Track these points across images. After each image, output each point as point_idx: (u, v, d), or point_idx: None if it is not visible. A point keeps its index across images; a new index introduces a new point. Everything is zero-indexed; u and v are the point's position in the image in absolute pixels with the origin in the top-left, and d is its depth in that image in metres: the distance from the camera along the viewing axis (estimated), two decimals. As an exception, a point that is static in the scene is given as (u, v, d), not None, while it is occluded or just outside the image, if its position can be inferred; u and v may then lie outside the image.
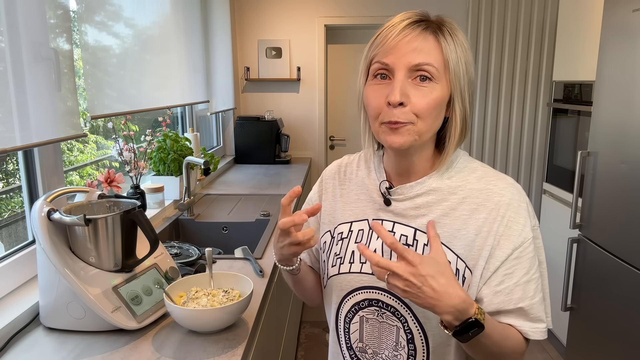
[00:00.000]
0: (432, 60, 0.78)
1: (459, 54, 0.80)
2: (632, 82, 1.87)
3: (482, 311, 0.75)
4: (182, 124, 2.94)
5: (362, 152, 0.98)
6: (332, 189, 0.98)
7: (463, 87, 0.81)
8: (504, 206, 0.82)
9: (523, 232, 0.81)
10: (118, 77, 1.75)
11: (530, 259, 0.82)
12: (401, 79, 0.77)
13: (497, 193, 0.83)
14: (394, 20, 0.81)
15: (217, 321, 1.07)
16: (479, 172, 0.87)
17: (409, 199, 0.87)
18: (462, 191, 0.85)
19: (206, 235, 2.08)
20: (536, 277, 0.82)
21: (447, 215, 0.84)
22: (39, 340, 1.08)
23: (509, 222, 0.81)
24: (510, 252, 0.81)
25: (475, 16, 3.50)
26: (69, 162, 2.27)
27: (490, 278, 0.81)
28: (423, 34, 0.79)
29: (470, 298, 0.74)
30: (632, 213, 1.86)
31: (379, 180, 0.91)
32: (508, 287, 0.81)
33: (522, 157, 3.69)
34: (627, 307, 1.89)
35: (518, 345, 0.82)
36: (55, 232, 1.07)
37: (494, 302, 0.81)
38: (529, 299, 0.81)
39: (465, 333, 0.73)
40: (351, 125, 4.25)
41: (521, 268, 0.81)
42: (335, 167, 1.01)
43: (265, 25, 3.68)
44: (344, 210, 0.94)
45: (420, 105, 0.78)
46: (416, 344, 0.86)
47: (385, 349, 0.88)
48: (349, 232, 0.92)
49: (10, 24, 1.13)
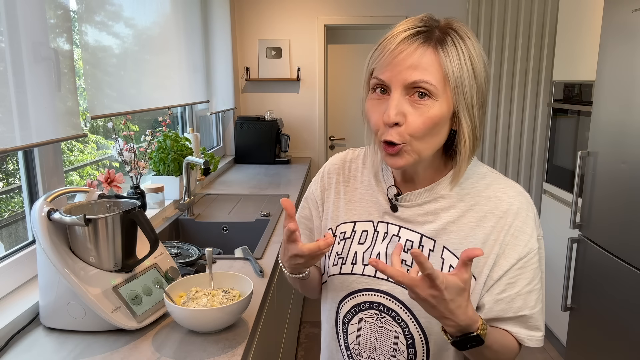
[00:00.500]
0: (430, 77, 0.73)
1: (464, 65, 0.75)
2: (632, 82, 1.87)
3: (485, 327, 0.74)
4: (182, 124, 2.94)
5: (367, 147, 0.96)
6: (336, 184, 0.96)
7: (469, 99, 0.76)
8: (512, 215, 0.81)
9: (529, 242, 0.81)
10: (118, 77, 1.75)
11: (534, 269, 0.81)
12: (397, 97, 0.74)
13: (505, 201, 0.82)
14: (395, 31, 0.77)
15: (217, 321, 1.07)
16: (488, 178, 0.85)
17: (416, 206, 0.85)
18: (471, 198, 0.83)
19: (206, 235, 2.08)
20: (538, 287, 0.82)
21: (455, 222, 0.83)
22: (39, 340, 1.08)
23: (515, 232, 0.81)
24: (514, 261, 0.80)
25: (475, 16, 3.50)
26: (69, 162, 2.27)
27: (493, 286, 0.81)
28: (421, 48, 0.74)
29: (476, 315, 0.74)
30: (632, 213, 1.86)
31: (387, 184, 0.89)
32: (510, 295, 0.81)
33: (522, 157, 3.69)
34: (627, 307, 1.89)
35: (513, 352, 0.83)
36: (55, 232, 1.07)
37: (495, 309, 0.81)
38: (530, 309, 0.81)
39: (464, 344, 0.73)
40: (351, 125, 4.25)
41: (524, 278, 0.81)
42: (340, 162, 0.98)
43: (265, 25, 3.68)
44: (347, 209, 0.93)
45: (415, 125, 0.74)
46: (417, 349, 0.85)
47: (381, 355, 0.87)
48: (352, 232, 0.91)
49: (10, 24, 1.13)
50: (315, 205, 0.99)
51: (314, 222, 0.99)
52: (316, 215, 0.98)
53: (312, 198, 0.99)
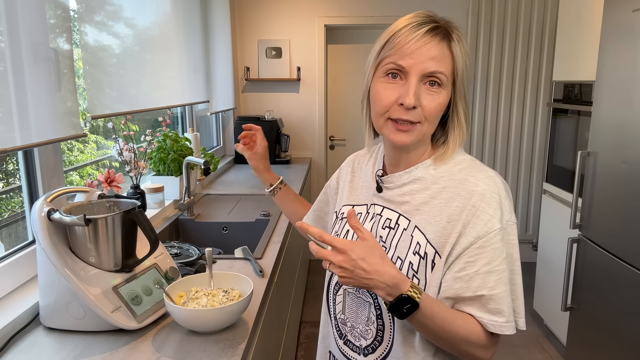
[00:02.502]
0: (444, 68, 0.83)
1: (465, 61, 0.86)
2: (632, 82, 1.87)
3: (419, 290, 0.78)
4: (182, 124, 2.94)
5: (377, 146, 1.06)
6: (345, 175, 1.09)
7: (466, 89, 0.89)
8: (476, 195, 0.84)
9: (490, 222, 0.82)
10: (118, 77, 1.75)
11: (495, 249, 0.82)
12: (415, 83, 0.82)
13: (472, 183, 0.86)
14: (412, 22, 0.84)
15: (217, 321, 1.07)
16: (464, 164, 0.90)
17: (397, 187, 0.93)
18: (444, 181, 0.88)
19: (206, 235, 2.08)
20: (499, 269, 0.82)
21: (427, 203, 0.88)
22: (39, 340, 1.08)
23: (477, 212, 0.83)
24: (473, 239, 0.82)
25: (475, 16, 3.50)
26: (69, 162, 2.26)
27: (453, 264, 0.83)
28: (442, 42, 0.83)
29: (402, 275, 0.77)
30: (632, 213, 1.86)
31: (377, 169, 0.99)
32: (468, 274, 0.82)
33: (522, 157, 3.69)
34: (627, 307, 1.89)
35: (475, 335, 0.82)
36: (55, 232, 1.07)
37: (453, 287, 0.83)
38: (488, 289, 0.81)
39: (399, 309, 0.76)
40: (351, 125, 4.25)
41: (483, 257, 0.82)
42: (353, 157, 1.12)
43: (265, 25, 3.68)
44: (350, 194, 1.04)
45: (429, 108, 0.84)
46: (384, 320, 0.90)
47: (360, 324, 0.94)
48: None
49: (10, 24, 1.13)
50: (331, 193, 1.14)
51: (329, 206, 1.16)
52: (332, 202, 1.14)
53: (330, 186, 1.16)
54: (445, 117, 0.90)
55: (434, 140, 0.94)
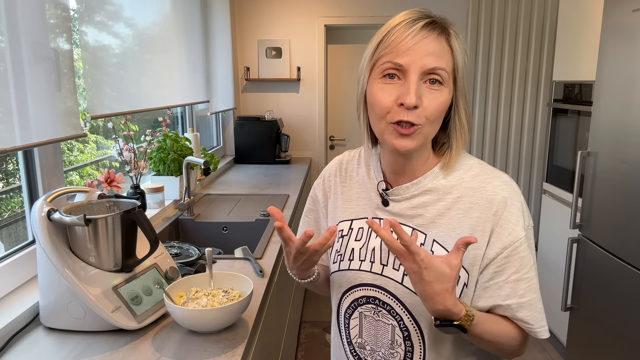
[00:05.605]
0: (445, 64, 0.78)
1: (464, 57, 0.81)
2: (632, 82, 1.87)
3: (472, 316, 0.75)
4: (182, 124, 2.94)
5: (362, 148, 0.97)
6: (334, 186, 0.99)
7: (465, 88, 0.84)
8: (496, 204, 0.82)
9: (514, 230, 0.81)
10: (118, 77, 1.75)
11: (522, 257, 0.81)
12: (415, 81, 0.77)
13: (490, 191, 0.83)
14: (406, 18, 0.79)
15: (217, 321, 1.07)
16: (475, 169, 0.87)
17: (405, 200, 0.87)
18: (457, 190, 0.85)
19: (206, 235, 2.08)
20: (528, 277, 0.82)
21: (443, 215, 0.84)
22: (39, 340, 1.08)
23: (500, 221, 0.81)
24: (499, 250, 0.81)
25: (475, 16, 3.50)
26: (69, 162, 2.26)
27: (481, 274, 0.82)
28: (440, 37, 0.78)
29: (457, 308, 0.73)
30: (632, 213, 1.86)
31: (377, 180, 0.92)
32: (497, 283, 0.81)
33: (522, 157, 3.69)
34: (627, 307, 1.89)
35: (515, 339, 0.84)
36: (55, 232, 1.07)
37: (483, 296, 0.82)
38: (518, 297, 0.81)
39: (445, 330, 0.76)
40: (351, 125, 4.25)
41: (511, 266, 0.81)
42: (336, 165, 1.01)
43: (265, 25, 3.68)
44: (344, 208, 0.95)
45: (431, 108, 0.78)
46: (413, 341, 0.86)
47: (382, 347, 0.89)
48: (349, 229, 0.93)
49: (10, 24, 1.13)
50: (320, 207, 1.03)
51: (320, 223, 1.04)
52: (322, 217, 1.03)
53: (317, 202, 1.04)
54: (447, 118, 0.85)
55: (435, 143, 0.89)
